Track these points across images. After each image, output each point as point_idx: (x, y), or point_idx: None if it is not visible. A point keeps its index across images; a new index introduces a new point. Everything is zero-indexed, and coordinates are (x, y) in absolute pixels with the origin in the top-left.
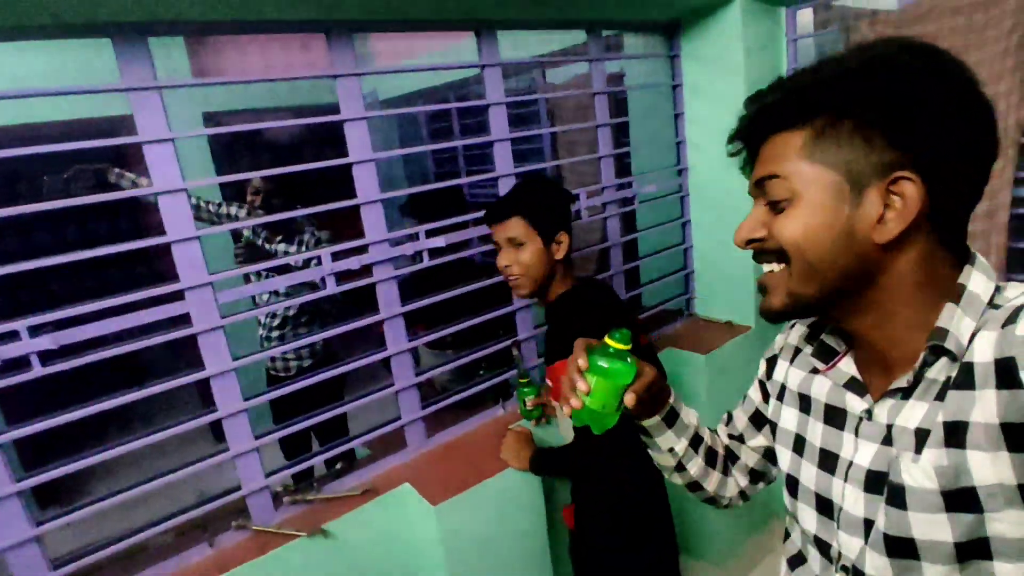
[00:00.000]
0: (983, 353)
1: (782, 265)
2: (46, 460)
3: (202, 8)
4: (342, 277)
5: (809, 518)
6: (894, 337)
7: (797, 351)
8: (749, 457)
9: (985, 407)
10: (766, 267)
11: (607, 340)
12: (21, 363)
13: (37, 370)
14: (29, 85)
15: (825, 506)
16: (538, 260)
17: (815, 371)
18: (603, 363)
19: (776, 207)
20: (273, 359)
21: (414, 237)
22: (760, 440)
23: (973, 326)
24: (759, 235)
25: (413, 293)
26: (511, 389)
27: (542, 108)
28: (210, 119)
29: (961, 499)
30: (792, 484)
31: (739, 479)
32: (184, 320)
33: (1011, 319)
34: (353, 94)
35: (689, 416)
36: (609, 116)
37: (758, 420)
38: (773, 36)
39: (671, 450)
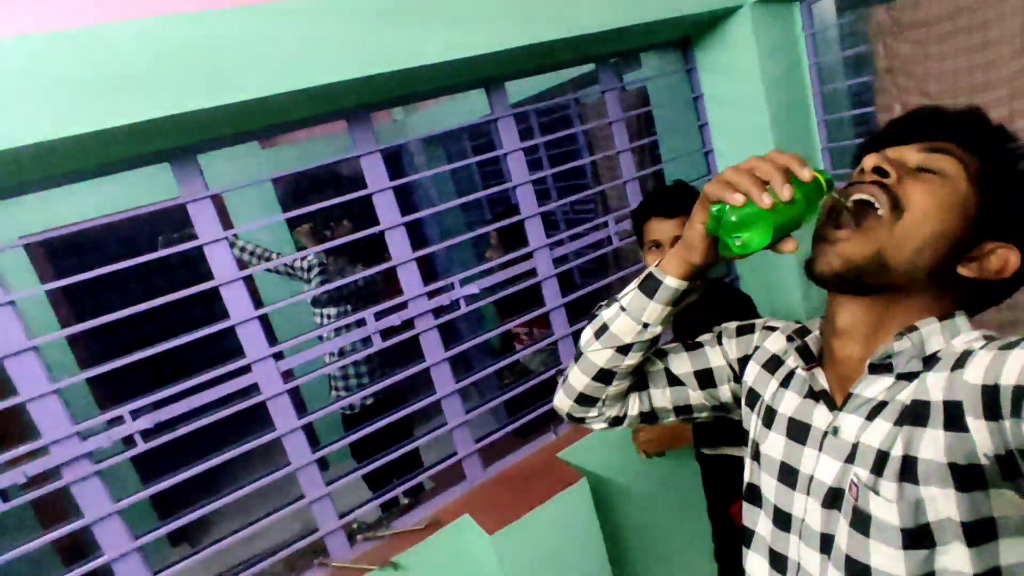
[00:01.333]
0: (935, 393)
1: (876, 219)
2: (174, 506)
3: (241, 123)
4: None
5: (766, 526)
6: (875, 345)
7: (775, 360)
8: (661, 399)
9: (935, 445)
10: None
11: (817, 173)
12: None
13: (141, 446)
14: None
15: (783, 520)
16: None
17: (786, 383)
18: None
19: (930, 171)
20: (339, 395)
21: (449, 287)
22: (697, 397)
23: (940, 347)
24: (893, 172)
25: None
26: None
27: (579, 132)
28: (276, 181)
29: (918, 536)
30: (753, 492)
31: (631, 406)
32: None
33: (959, 363)
34: (376, 169)
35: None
36: (631, 138)
37: (706, 379)
38: (789, 34)
39: (646, 325)
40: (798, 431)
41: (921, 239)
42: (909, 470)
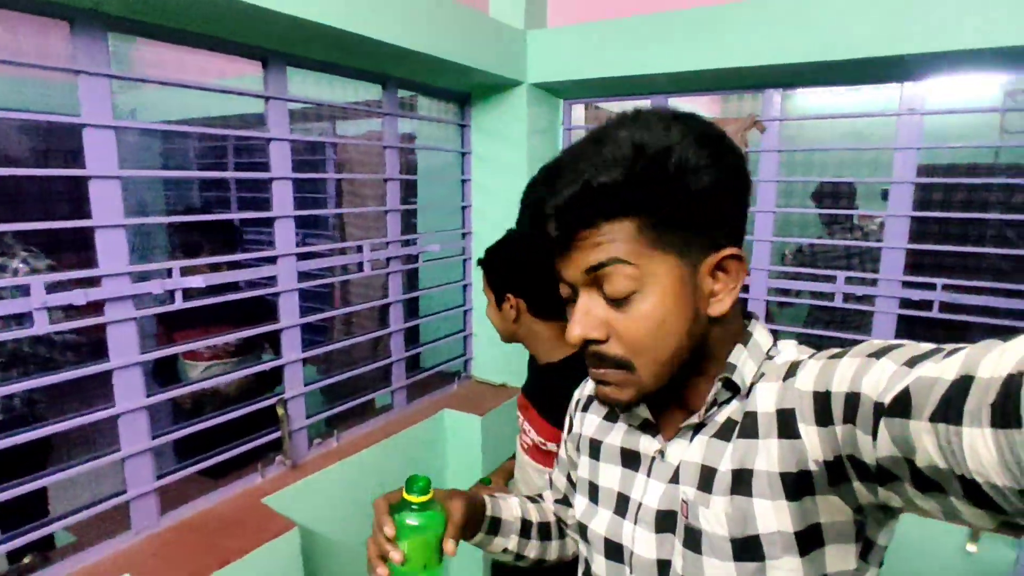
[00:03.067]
0: (766, 404)
1: (621, 371)
2: None
3: None
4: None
5: (600, 564)
6: (697, 384)
7: (591, 399)
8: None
9: (768, 456)
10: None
11: (406, 496)
12: None
13: None
14: None
15: (615, 551)
16: (497, 318)
17: (610, 417)
18: (412, 521)
19: (618, 301)
20: None
21: (166, 273)
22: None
23: (755, 370)
24: (599, 335)
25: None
26: (272, 452)
27: (329, 159)
28: None
29: (747, 547)
30: (583, 531)
31: (575, 536)
32: None
33: (790, 372)
34: (98, 96)
35: (511, 511)
36: (398, 173)
37: (571, 480)
38: (552, 122)
39: (505, 550)
40: (629, 460)
41: (666, 358)
42: (742, 483)
